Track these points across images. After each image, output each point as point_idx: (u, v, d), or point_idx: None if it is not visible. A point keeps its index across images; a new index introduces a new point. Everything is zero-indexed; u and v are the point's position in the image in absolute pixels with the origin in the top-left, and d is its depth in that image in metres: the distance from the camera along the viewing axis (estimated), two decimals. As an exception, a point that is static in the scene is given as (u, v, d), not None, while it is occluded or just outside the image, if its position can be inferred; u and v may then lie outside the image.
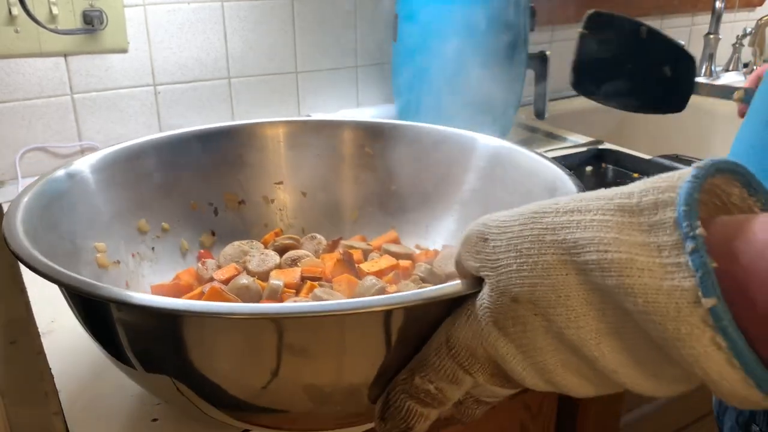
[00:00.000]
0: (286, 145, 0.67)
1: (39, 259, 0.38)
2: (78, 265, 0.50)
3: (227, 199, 0.65)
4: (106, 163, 0.57)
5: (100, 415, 0.48)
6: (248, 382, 0.38)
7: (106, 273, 0.53)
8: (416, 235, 0.65)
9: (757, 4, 1.65)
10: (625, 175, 0.95)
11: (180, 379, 0.39)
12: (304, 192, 0.67)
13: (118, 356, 0.41)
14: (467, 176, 0.63)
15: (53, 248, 0.46)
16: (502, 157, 0.61)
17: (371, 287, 0.53)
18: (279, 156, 0.67)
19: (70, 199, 0.52)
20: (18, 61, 0.85)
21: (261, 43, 1.02)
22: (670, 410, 0.82)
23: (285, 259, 0.59)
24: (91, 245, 0.53)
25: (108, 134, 0.93)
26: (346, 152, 0.67)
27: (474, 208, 0.62)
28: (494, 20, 0.93)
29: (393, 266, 0.57)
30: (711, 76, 1.51)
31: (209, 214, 0.64)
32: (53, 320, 0.58)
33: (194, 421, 0.47)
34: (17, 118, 0.87)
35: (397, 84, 1.03)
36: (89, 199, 0.55)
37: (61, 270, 0.37)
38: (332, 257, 0.59)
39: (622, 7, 1.41)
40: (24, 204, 0.46)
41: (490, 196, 0.61)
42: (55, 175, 0.52)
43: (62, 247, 0.49)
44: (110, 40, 0.89)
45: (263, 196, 0.67)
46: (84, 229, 0.53)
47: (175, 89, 0.97)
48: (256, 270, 0.58)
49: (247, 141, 0.66)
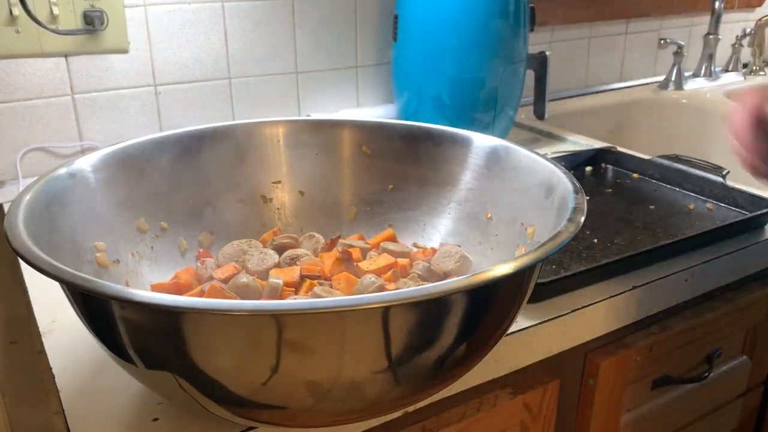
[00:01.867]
0: (285, 145, 0.67)
1: (42, 257, 0.39)
2: (79, 264, 0.50)
3: (225, 198, 0.65)
4: (106, 162, 0.57)
5: (101, 415, 0.48)
6: (249, 378, 0.38)
7: (106, 272, 0.54)
8: (414, 234, 0.66)
9: (756, 5, 1.65)
10: (625, 176, 0.96)
11: (182, 375, 0.39)
12: (302, 191, 0.68)
13: (120, 354, 0.41)
14: (464, 175, 0.63)
15: (54, 247, 0.47)
16: (499, 155, 0.61)
17: (370, 285, 0.53)
18: (277, 155, 0.67)
19: (71, 198, 0.53)
20: (19, 62, 0.85)
21: (261, 43, 1.02)
22: (670, 410, 0.82)
23: (284, 258, 0.59)
24: (91, 244, 0.53)
25: (108, 134, 0.93)
26: (343, 151, 0.68)
27: (471, 206, 0.63)
28: (494, 20, 0.93)
29: (391, 264, 0.58)
30: (710, 76, 1.51)
31: (208, 214, 0.64)
32: (54, 320, 0.58)
33: (195, 421, 0.47)
34: (18, 118, 0.87)
35: (397, 84, 1.03)
36: (90, 198, 0.55)
37: (65, 268, 0.37)
38: (331, 256, 0.59)
39: (623, 8, 1.41)
40: (25, 203, 0.47)
41: (487, 195, 0.61)
42: (56, 174, 0.52)
43: (63, 246, 0.49)
44: (111, 41, 0.89)
45: (261, 195, 0.67)
46: (84, 228, 0.53)
47: (176, 89, 0.97)
48: (256, 269, 0.58)
49: (245, 140, 0.66)
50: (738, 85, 1.49)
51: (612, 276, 0.67)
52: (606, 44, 1.44)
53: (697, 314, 0.77)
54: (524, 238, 0.55)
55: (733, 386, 0.89)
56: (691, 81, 1.48)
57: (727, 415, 0.90)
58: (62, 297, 0.43)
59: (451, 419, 0.60)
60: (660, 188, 0.91)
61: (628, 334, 0.72)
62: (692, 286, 0.72)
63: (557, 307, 0.62)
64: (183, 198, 0.63)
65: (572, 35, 1.38)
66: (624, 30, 1.46)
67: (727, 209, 0.83)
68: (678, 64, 1.42)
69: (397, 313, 0.36)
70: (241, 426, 0.47)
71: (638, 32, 1.48)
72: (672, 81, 1.43)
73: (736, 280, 0.78)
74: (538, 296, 0.62)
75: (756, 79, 1.54)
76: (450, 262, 0.58)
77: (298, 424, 0.44)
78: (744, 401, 0.91)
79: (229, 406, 0.41)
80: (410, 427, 0.58)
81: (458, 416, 0.61)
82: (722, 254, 0.73)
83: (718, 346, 0.82)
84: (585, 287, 0.65)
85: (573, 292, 0.64)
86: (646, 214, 0.82)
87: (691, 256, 0.72)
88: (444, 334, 0.39)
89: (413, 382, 0.42)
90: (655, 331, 0.74)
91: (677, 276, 0.69)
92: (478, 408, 0.62)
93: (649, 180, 0.93)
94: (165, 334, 0.38)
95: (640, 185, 0.93)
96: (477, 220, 0.62)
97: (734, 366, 0.87)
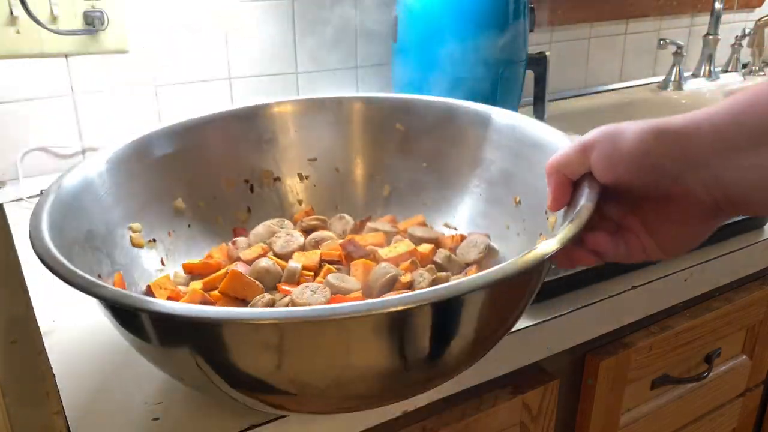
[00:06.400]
0: (320, 122, 0.68)
1: (63, 263, 0.39)
2: (113, 248, 0.53)
3: (263, 175, 0.67)
4: (141, 145, 0.60)
5: (101, 414, 0.48)
6: (258, 370, 0.39)
7: (141, 252, 0.56)
8: (446, 214, 0.66)
9: (755, 5, 1.65)
10: (625, 176, 0.95)
11: (201, 355, 0.40)
12: (337, 168, 0.68)
13: (137, 334, 0.42)
14: (492, 154, 0.62)
15: (82, 235, 0.49)
16: (525, 133, 0.60)
17: (384, 275, 0.53)
18: (313, 132, 0.68)
19: (104, 182, 0.55)
20: (19, 62, 0.85)
21: (261, 43, 1.02)
22: (669, 410, 0.82)
23: (309, 241, 0.61)
24: (125, 226, 0.55)
25: (109, 135, 0.93)
26: (378, 127, 0.68)
27: (501, 188, 0.61)
28: (494, 20, 0.93)
29: (411, 252, 0.58)
30: (710, 77, 1.51)
31: (245, 191, 0.66)
32: (54, 320, 0.58)
33: (195, 420, 0.47)
34: (18, 118, 0.87)
35: (397, 84, 1.03)
36: (124, 182, 0.57)
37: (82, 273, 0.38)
38: (337, 248, 0.60)
39: (623, 8, 1.41)
40: (55, 194, 0.49)
41: (517, 177, 0.60)
42: (90, 161, 0.55)
43: (96, 231, 0.51)
44: (111, 41, 0.89)
45: (298, 173, 0.68)
46: (119, 212, 0.55)
47: (176, 90, 0.97)
48: (281, 252, 0.60)
49: (280, 120, 0.68)
50: (738, 86, 1.49)
51: (612, 276, 0.67)
52: (606, 44, 1.44)
53: (696, 314, 0.77)
54: (546, 228, 0.53)
55: (733, 386, 0.89)
56: (691, 81, 1.48)
57: (727, 415, 0.90)
58: (63, 297, 0.43)
59: (451, 419, 0.60)
60: (660, 188, 0.91)
61: (628, 333, 0.73)
62: (692, 285, 0.72)
63: (557, 307, 0.62)
64: (220, 176, 0.65)
65: (572, 35, 1.38)
66: (624, 30, 1.46)
67: (726, 209, 0.83)
68: (678, 65, 1.42)
69: (364, 324, 0.37)
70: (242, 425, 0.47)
71: (638, 32, 1.48)
72: (671, 81, 1.43)
73: (736, 279, 0.78)
74: (538, 296, 0.62)
75: (756, 79, 1.54)
76: (474, 252, 0.59)
77: (305, 410, 0.45)
78: (743, 401, 0.91)
79: (242, 389, 0.41)
80: (410, 426, 0.58)
81: (458, 416, 0.61)
82: (722, 254, 0.73)
83: (718, 346, 0.82)
84: (585, 287, 0.65)
85: (573, 292, 0.64)
86: (646, 214, 0.82)
87: (690, 255, 0.72)
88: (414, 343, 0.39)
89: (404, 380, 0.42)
90: (655, 330, 0.74)
91: (677, 276, 0.69)
92: (478, 408, 0.62)
93: (649, 180, 0.93)
94: (182, 339, 0.39)
95: (639, 185, 0.92)
96: (505, 203, 0.60)
97: (734, 366, 0.88)
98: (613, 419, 0.75)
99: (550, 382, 0.66)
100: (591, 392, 0.71)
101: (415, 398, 0.54)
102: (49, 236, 0.42)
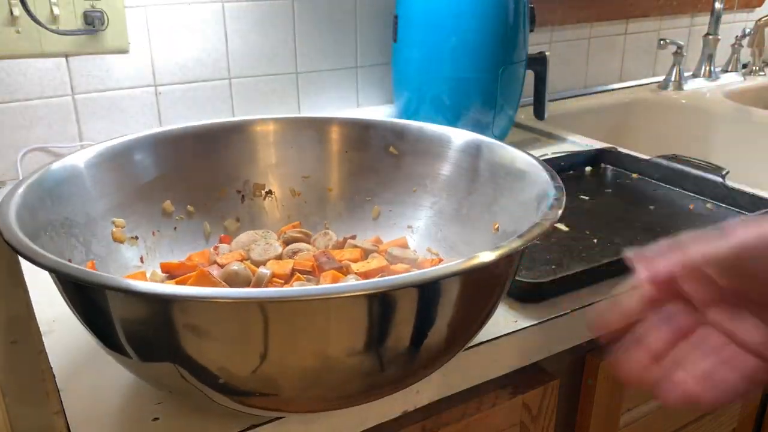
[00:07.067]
0: (316, 141, 0.69)
1: (28, 245, 0.39)
2: (91, 238, 0.53)
3: (256, 188, 0.67)
4: (138, 144, 0.60)
5: (102, 414, 0.48)
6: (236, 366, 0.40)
7: (121, 247, 0.56)
8: (430, 238, 0.66)
9: (756, 5, 1.66)
10: (625, 176, 0.96)
11: (180, 364, 0.40)
12: (330, 188, 0.69)
13: (115, 348, 0.42)
14: (479, 183, 0.63)
15: (58, 220, 0.49)
16: (502, 163, 0.61)
17: None
18: (308, 151, 0.69)
19: (96, 174, 0.56)
20: (19, 62, 0.85)
21: (261, 43, 1.02)
22: (670, 410, 0.82)
23: (287, 251, 0.61)
24: (108, 219, 0.56)
25: (109, 135, 0.93)
26: (371, 151, 0.68)
27: (486, 217, 0.62)
28: (493, 21, 0.93)
29: (382, 268, 0.58)
30: (710, 77, 1.51)
31: (236, 201, 0.67)
32: (54, 320, 0.58)
33: (195, 420, 0.47)
34: (18, 118, 0.87)
35: (397, 84, 1.03)
36: (112, 177, 0.58)
37: (39, 249, 0.39)
38: (310, 259, 0.60)
39: (623, 8, 1.41)
40: (33, 181, 0.49)
41: (497, 205, 0.61)
42: (83, 152, 0.55)
43: (75, 219, 0.51)
44: (111, 41, 0.89)
45: (290, 188, 0.68)
46: (103, 204, 0.56)
47: (176, 90, 0.97)
48: (257, 259, 0.59)
49: (278, 134, 0.68)
50: (737, 85, 1.49)
51: (612, 276, 0.67)
52: (606, 44, 1.44)
53: (696, 314, 0.77)
54: None
55: (733, 386, 0.89)
56: (691, 81, 1.48)
57: (727, 415, 0.90)
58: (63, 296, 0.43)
59: (451, 419, 0.60)
60: (660, 188, 0.91)
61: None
62: (692, 286, 0.72)
63: (557, 307, 0.62)
64: (213, 184, 0.65)
65: (572, 35, 1.38)
66: (624, 30, 1.46)
67: (726, 209, 0.83)
68: (678, 65, 1.43)
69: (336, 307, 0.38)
70: (242, 425, 0.47)
71: (638, 32, 1.48)
72: (671, 81, 1.44)
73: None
74: (538, 296, 0.62)
75: (756, 79, 1.54)
76: None
77: (291, 410, 0.45)
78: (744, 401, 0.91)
79: (224, 393, 0.42)
80: (410, 426, 0.58)
81: (458, 416, 0.61)
82: (722, 254, 0.73)
83: (718, 346, 0.82)
84: (585, 287, 0.65)
85: (573, 292, 0.64)
86: (646, 214, 0.82)
87: (690, 256, 0.72)
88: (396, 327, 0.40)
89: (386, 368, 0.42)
90: (655, 331, 0.74)
91: (677, 276, 0.69)
92: (478, 408, 0.62)
93: (649, 180, 0.93)
94: (155, 324, 0.39)
95: (639, 185, 0.93)
96: (485, 230, 0.61)
97: (734, 366, 0.87)
98: (613, 419, 0.75)
99: (550, 382, 0.65)
100: (591, 392, 0.71)
101: (415, 398, 0.54)
102: (16, 212, 0.43)
